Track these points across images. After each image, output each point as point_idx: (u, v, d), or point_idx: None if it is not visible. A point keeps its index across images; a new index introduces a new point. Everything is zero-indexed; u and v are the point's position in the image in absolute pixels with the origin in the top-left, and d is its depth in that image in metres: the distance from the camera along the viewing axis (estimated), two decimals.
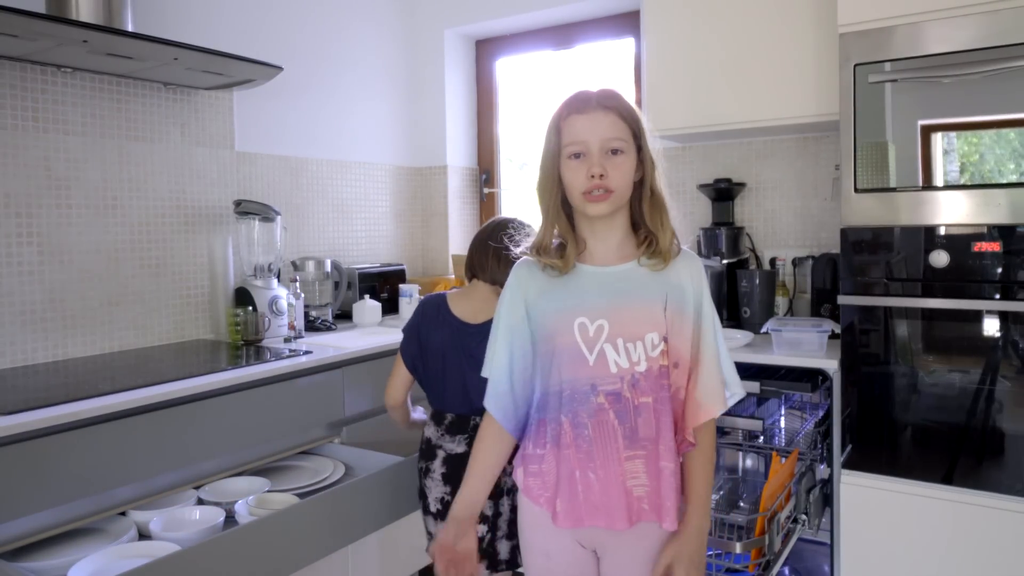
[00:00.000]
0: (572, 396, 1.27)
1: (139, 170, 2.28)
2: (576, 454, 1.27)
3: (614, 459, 1.26)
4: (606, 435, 1.26)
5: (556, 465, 1.29)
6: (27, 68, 2.01)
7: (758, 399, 2.25)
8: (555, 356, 1.28)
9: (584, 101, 1.26)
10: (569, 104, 1.28)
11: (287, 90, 2.73)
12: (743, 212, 2.66)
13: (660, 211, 1.29)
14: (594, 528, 1.28)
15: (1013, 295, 1.72)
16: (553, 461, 1.29)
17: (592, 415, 1.26)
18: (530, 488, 1.32)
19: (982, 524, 1.77)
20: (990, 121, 1.76)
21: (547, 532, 1.32)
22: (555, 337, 1.28)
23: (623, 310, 1.27)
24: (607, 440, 1.26)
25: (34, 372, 1.93)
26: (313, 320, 2.61)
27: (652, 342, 1.27)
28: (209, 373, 1.85)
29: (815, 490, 2.02)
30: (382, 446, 2.20)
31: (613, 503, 1.26)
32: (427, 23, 3.30)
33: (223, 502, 1.75)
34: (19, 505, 1.45)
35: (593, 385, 1.26)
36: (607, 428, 1.26)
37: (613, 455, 1.26)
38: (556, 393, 1.28)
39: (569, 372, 1.27)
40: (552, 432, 1.29)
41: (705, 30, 2.36)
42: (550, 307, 1.29)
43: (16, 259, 1.99)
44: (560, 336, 1.27)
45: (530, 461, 1.32)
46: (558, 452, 1.28)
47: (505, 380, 1.31)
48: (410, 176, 3.33)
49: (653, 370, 1.27)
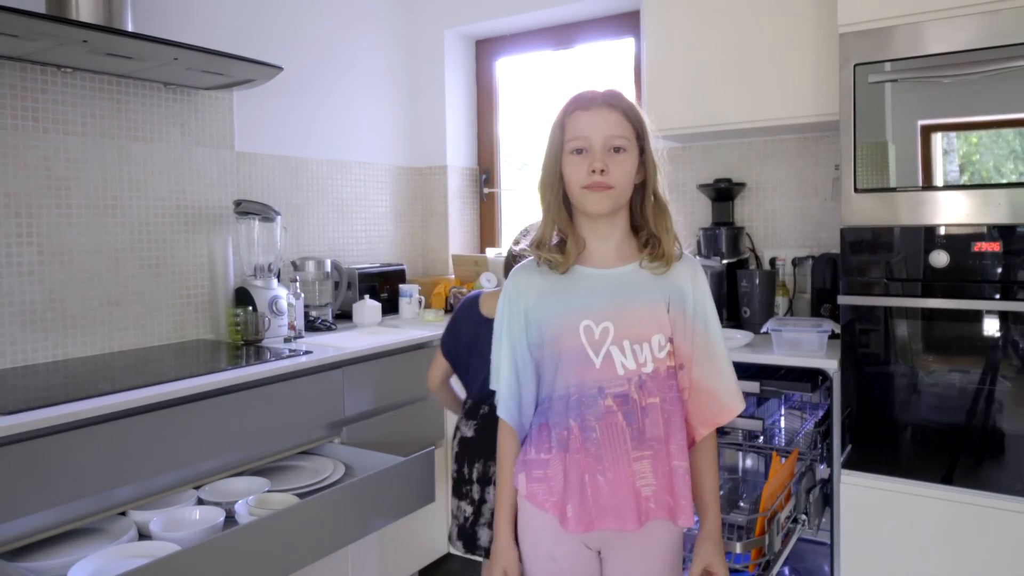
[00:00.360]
0: (580, 400, 1.27)
1: (139, 170, 2.28)
2: (585, 458, 1.26)
3: (623, 460, 1.26)
4: (614, 437, 1.26)
5: (563, 469, 1.28)
6: (27, 68, 2.01)
7: (758, 399, 2.25)
8: (561, 360, 1.28)
9: (589, 99, 1.27)
10: (574, 101, 1.28)
11: (287, 90, 2.73)
12: (743, 212, 2.66)
13: (663, 215, 1.29)
14: (603, 530, 1.28)
15: (1013, 295, 1.72)
16: (560, 466, 1.28)
17: (600, 418, 1.26)
18: (535, 494, 1.31)
19: (982, 524, 1.77)
20: (990, 121, 1.76)
21: (553, 537, 1.31)
22: (560, 341, 1.27)
23: (628, 312, 1.27)
24: (616, 442, 1.26)
25: (34, 372, 1.93)
26: (313, 320, 2.61)
27: (659, 343, 1.27)
28: (209, 373, 1.85)
29: (815, 490, 2.02)
30: (382, 446, 2.21)
31: (623, 504, 1.26)
32: (427, 23, 3.30)
33: (223, 502, 1.75)
34: (19, 505, 1.45)
35: (600, 388, 1.26)
36: (615, 430, 1.26)
37: (622, 456, 1.26)
38: (562, 397, 1.28)
39: (576, 376, 1.27)
40: (558, 436, 1.28)
41: (705, 30, 2.36)
42: (553, 311, 1.28)
43: (16, 259, 1.99)
44: (565, 340, 1.27)
45: (533, 466, 1.31)
46: (565, 456, 1.28)
47: (515, 392, 1.32)
48: (410, 176, 3.33)
49: (660, 371, 1.28)
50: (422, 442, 2.39)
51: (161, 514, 1.66)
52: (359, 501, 1.77)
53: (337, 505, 1.71)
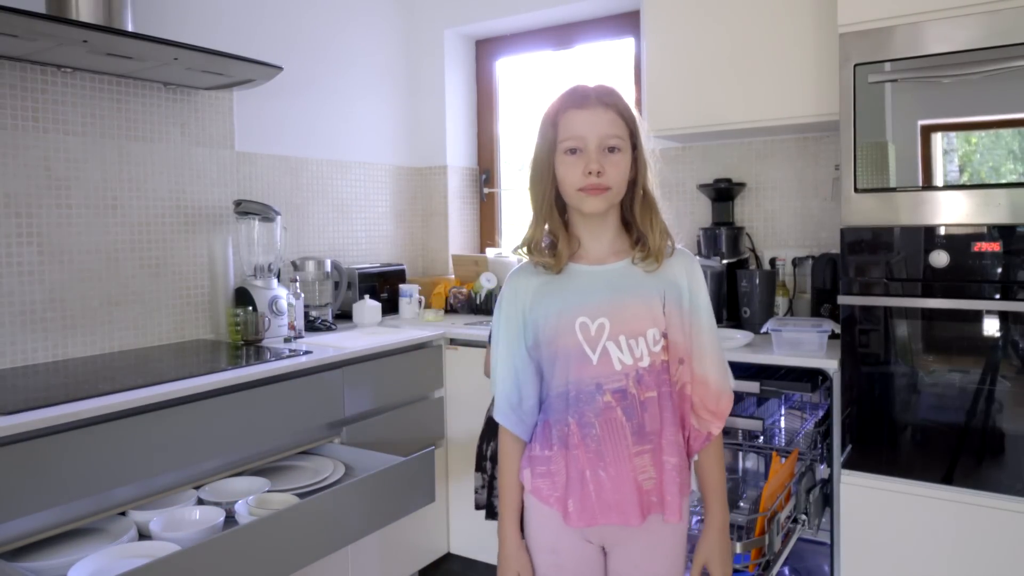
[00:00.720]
0: (578, 396, 1.27)
1: (139, 170, 2.28)
2: (585, 454, 1.27)
3: (624, 456, 1.26)
4: (615, 433, 1.26)
5: (565, 466, 1.28)
6: (27, 68, 2.01)
7: (758, 399, 2.25)
8: (558, 358, 1.28)
9: (583, 96, 1.25)
10: (567, 98, 1.26)
11: (287, 90, 2.73)
12: (743, 212, 2.66)
13: (651, 211, 1.29)
14: (606, 525, 1.29)
15: (1013, 295, 1.72)
16: (562, 462, 1.28)
17: (599, 414, 1.26)
18: (539, 489, 1.31)
19: (982, 524, 1.77)
20: (990, 121, 1.76)
21: (556, 530, 1.32)
22: (557, 339, 1.27)
23: (623, 307, 1.27)
24: (616, 438, 1.26)
25: (34, 372, 1.93)
26: (313, 320, 2.61)
27: (654, 337, 1.27)
28: (209, 373, 1.85)
29: (815, 490, 2.02)
30: (382, 446, 2.21)
31: (626, 500, 1.26)
32: (427, 23, 3.30)
33: (223, 502, 1.75)
34: (19, 505, 1.45)
35: (598, 384, 1.26)
36: (615, 426, 1.26)
37: (623, 452, 1.26)
38: (561, 395, 1.28)
39: (575, 373, 1.27)
40: (559, 433, 1.29)
41: (705, 30, 2.36)
42: (551, 310, 1.28)
43: (16, 259, 1.99)
44: (562, 338, 1.27)
45: (537, 463, 1.32)
46: (567, 453, 1.28)
47: (514, 394, 1.31)
48: (410, 176, 3.33)
49: (656, 365, 1.28)
50: (422, 442, 2.39)
51: (161, 514, 1.66)
52: (359, 501, 1.77)
53: (337, 505, 1.71)
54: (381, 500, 1.84)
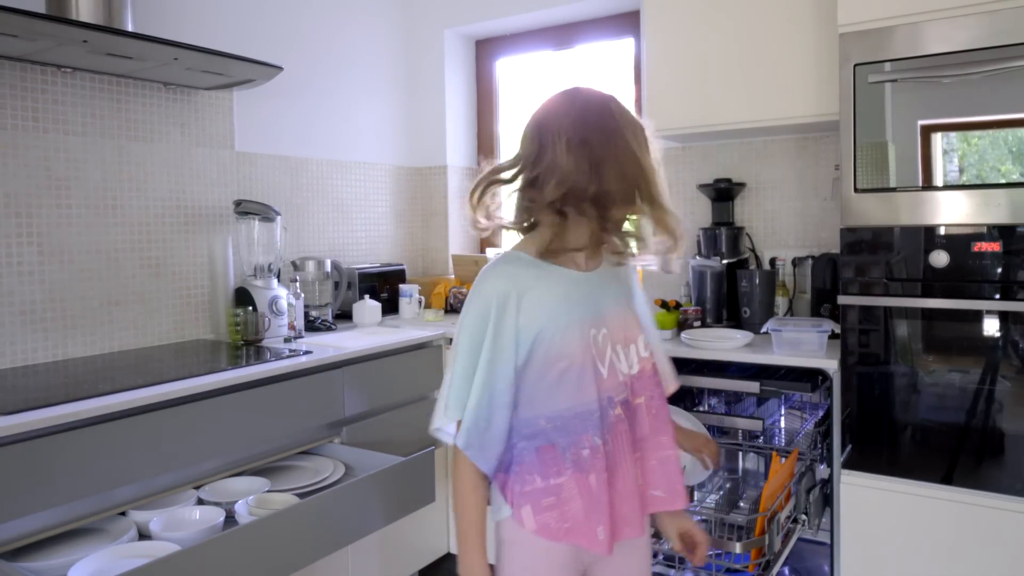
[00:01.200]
0: (601, 414, 1.20)
1: (139, 170, 2.28)
2: (602, 473, 1.19)
3: (629, 467, 1.23)
4: (621, 446, 1.23)
5: (579, 492, 1.18)
6: (27, 68, 2.01)
7: (758, 399, 2.25)
8: (567, 374, 1.18)
9: None
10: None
11: (287, 90, 2.73)
12: (743, 212, 2.66)
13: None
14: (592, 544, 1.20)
15: (1013, 295, 1.72)
16: (575, 488, 1.18)
17: (610, 429, 1.22)
18: (546, 526, 1.18)
19: (982, 524, 1.77)
20: (990, 121, 1.76)
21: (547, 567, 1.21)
22: (570, 355, 1.18)
23: (614, 315, 1.25)
24: (623, 450, 1.23)
25: (34, 372, 1.93)
26: (313, 320, 2.61)
27: (643, 343, 1.28)
28: (209, 373, 1.85)
29: (815, 490, 2.02)
30: (382, 446, 2.21)
31: (632, 512, 1.24)
32: (427, 23, 3.30)
33: (223, 502, 1.75)
34: (19, 505, 1.45)
35: (610, 398, 1.22)
36: (622, 438, 1.23)
37: (628, 463, 1.24)
38: (577, 415, 1.18)
39: (591, 390, 1.19)
40: (573, 457, 1.18)
41: (705, 30, 2.36)
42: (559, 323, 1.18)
43: (16, 259, 1.99)
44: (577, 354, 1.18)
45: (541, 496, 1.18)
46: (581, 477, 1.18)
47: (483, 419, 1.17)
48: (410, 176, 3.33)
49: (646, 370, 1.27)
50: (422, 442, 2.39)
51: (161, 514, 1.66)
52: (359, 501, 1.77)
53: (337, 505, 1.71)
54: (381, 500, 1.84)
